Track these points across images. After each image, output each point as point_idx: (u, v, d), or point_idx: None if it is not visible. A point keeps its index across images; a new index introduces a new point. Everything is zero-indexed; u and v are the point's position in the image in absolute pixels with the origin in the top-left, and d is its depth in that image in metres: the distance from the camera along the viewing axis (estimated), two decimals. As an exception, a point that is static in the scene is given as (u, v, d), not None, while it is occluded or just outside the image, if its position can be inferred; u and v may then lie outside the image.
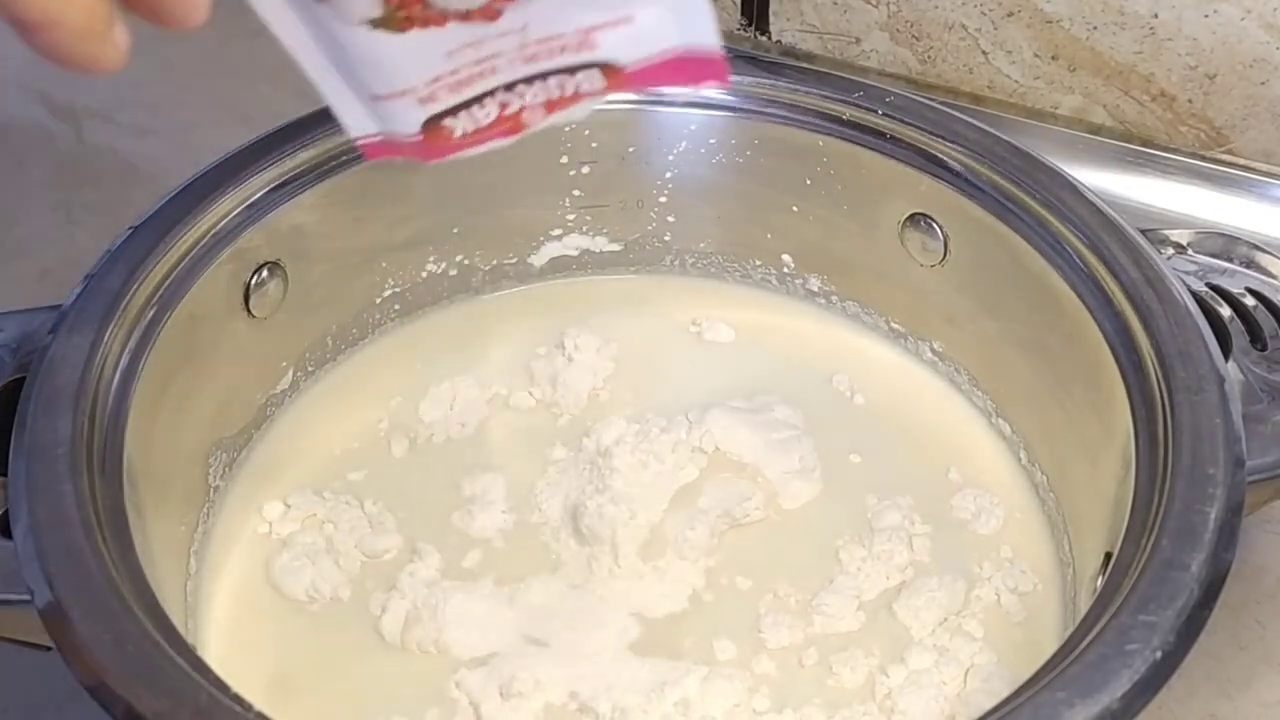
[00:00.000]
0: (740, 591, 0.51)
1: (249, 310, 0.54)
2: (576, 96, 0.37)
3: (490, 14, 0.35)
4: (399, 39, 0.35)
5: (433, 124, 0.37)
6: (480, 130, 0.37)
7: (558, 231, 0.62)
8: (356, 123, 0.37)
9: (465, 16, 0.35)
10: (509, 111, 0.37)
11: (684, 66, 0.37)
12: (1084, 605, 0.44)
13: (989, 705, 0.38)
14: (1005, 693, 0.39)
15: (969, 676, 0.48)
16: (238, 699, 0.38)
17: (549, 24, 0.36)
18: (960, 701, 0.47)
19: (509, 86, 0.37)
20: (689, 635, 0.50)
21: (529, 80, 0.37)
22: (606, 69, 0.37)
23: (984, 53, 0.70)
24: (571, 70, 0.37)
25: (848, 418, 0.58)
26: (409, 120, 0.37)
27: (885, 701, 0.48)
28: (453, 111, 0.37)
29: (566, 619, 0.50)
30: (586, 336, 0.60)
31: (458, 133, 0.37)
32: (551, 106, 0.38)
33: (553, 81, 0.37)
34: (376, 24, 0.34)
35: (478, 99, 0.37)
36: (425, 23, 0.35)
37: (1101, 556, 0.46)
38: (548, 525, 0.54)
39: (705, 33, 0.36)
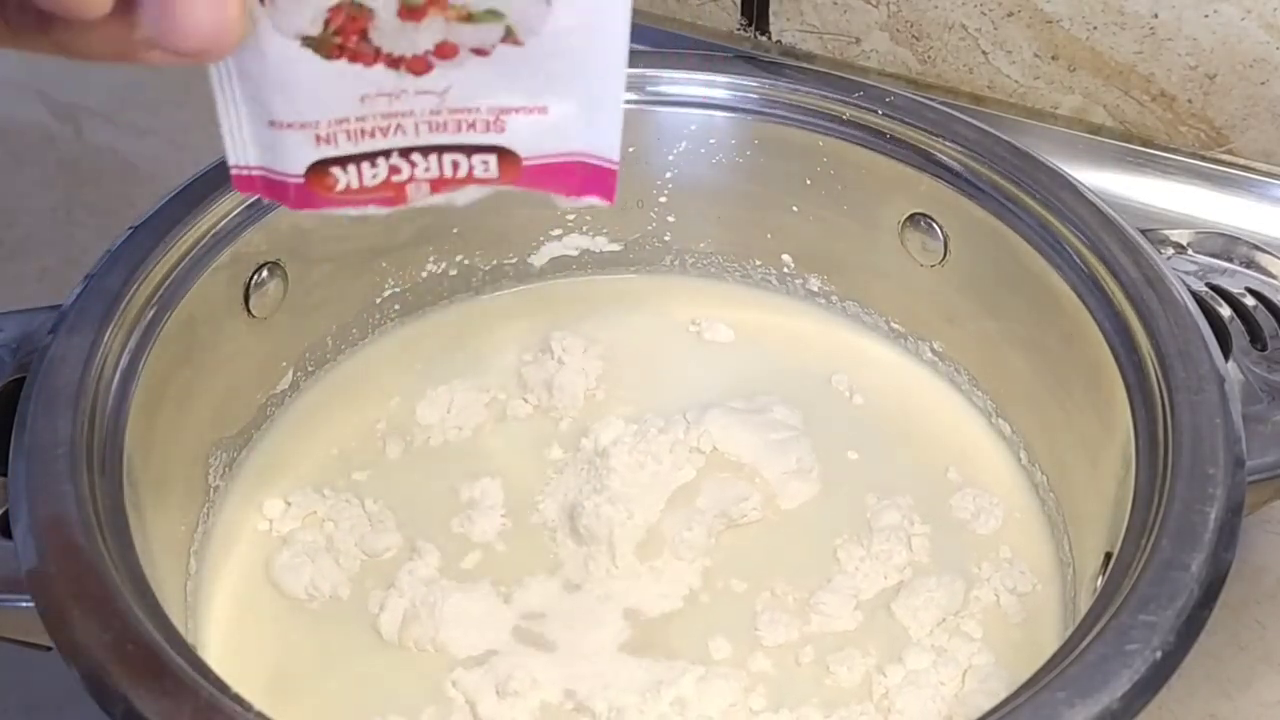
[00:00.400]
0: (737, 592, 0.51)
1: (249, 310, 0.54)
2: (467, 180, 0.37)
3: (420, 67, 0.35)
4: (322, 66, 0.34)
5: (319, 169, 0.36)
6: (362, 190, 0.36)
7: (558, 231, 0.62)
8: (239, 149, 0.36)
9: (395, 62, 0.34)
10: (397, 179, 0.36)
11: (578, 173, 0.37)
12: (1084, 605, 0.44)
13: (987, 706, 0.38)
14: (1003, 693, 0.39)
15: (967, 677, 0.48)
16: (238, 699, 0.38)
17: (469, 95, 0.35)
18: (958, 702, 0.47)
19: (405, 152, 0.36)
20: (685, 635, 0.50)
21: (426, 151, 0.36)
22: (504, 158, 0.36)
23: (984, 53, 0.70)
24: (469, 151, 0.36)
25: (847, 418, 0.58)
26: (297, 159, 0.36)
27: (882, 701, 0.48)
28: (344, 161, 0.36)
29: (563, 618, 0.50)
30: (572, 339, 0.60)
31: (340, 185, 0.36)
32: (438, 186, 0.37)
33: (448, 159, 0.36)
34: (308, 42, 0.33)
35: (371, 156, 0.36)
36: (355, 56, 0.34)
37: (1101, 556, 0.46)
38: (545, 526, 0.54)
39: (609, 144, 0.36)
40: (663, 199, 0.61)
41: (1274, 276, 0.52)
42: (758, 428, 0.56)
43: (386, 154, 0.36)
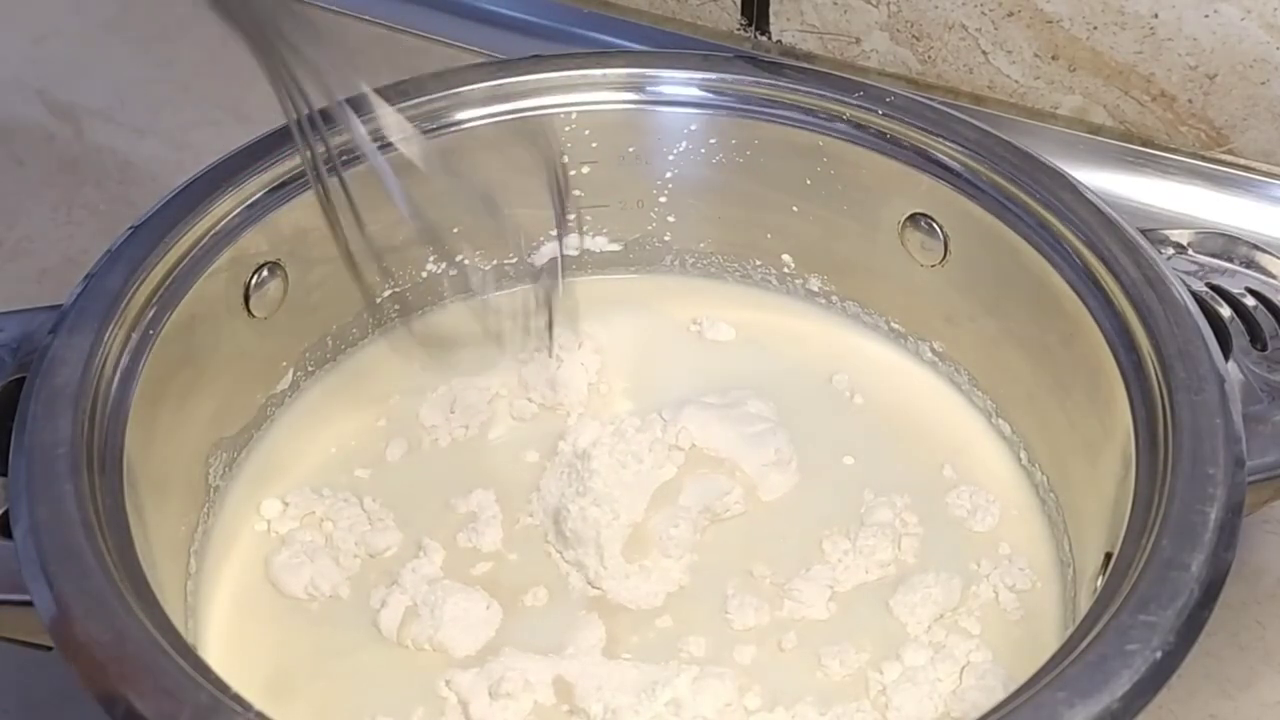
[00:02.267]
0: (726, 585, 0.51)
1: (249, 310, 0.54)
2: None
3: None
4: None
5: None
6: None
7: (558, 231, 0.62)
8: None
9: None
10: None
11: None
12: (1084, 605, 0.44)
13: (984, 703, 0.38)
14: (1001, 690, 0.39)
15: (964, 674, 0.48)
16: (238, 699, 0.38)
17: None
18: (955, 699, 0.47)
19: None
20: (680, 633, 0.50)
21: None
22: None
23: (984, 53, 0.70)
24: None
25: (846, 417, 0.58)
26: None
27: (879, 698, 0.48)
28: None
29: (557, 621, 0.50)
30: (569, 337, 0.60)
31: None
32: None
33: None
34: None
35: None
36: None
37: (1101, 556, 0.46)
38: (538, 528, 0.54)
39: None
40: (663, 199, 0.61)
41: (1274, 276, 0.52)
42: (733, 422, 0.56)
43: None
